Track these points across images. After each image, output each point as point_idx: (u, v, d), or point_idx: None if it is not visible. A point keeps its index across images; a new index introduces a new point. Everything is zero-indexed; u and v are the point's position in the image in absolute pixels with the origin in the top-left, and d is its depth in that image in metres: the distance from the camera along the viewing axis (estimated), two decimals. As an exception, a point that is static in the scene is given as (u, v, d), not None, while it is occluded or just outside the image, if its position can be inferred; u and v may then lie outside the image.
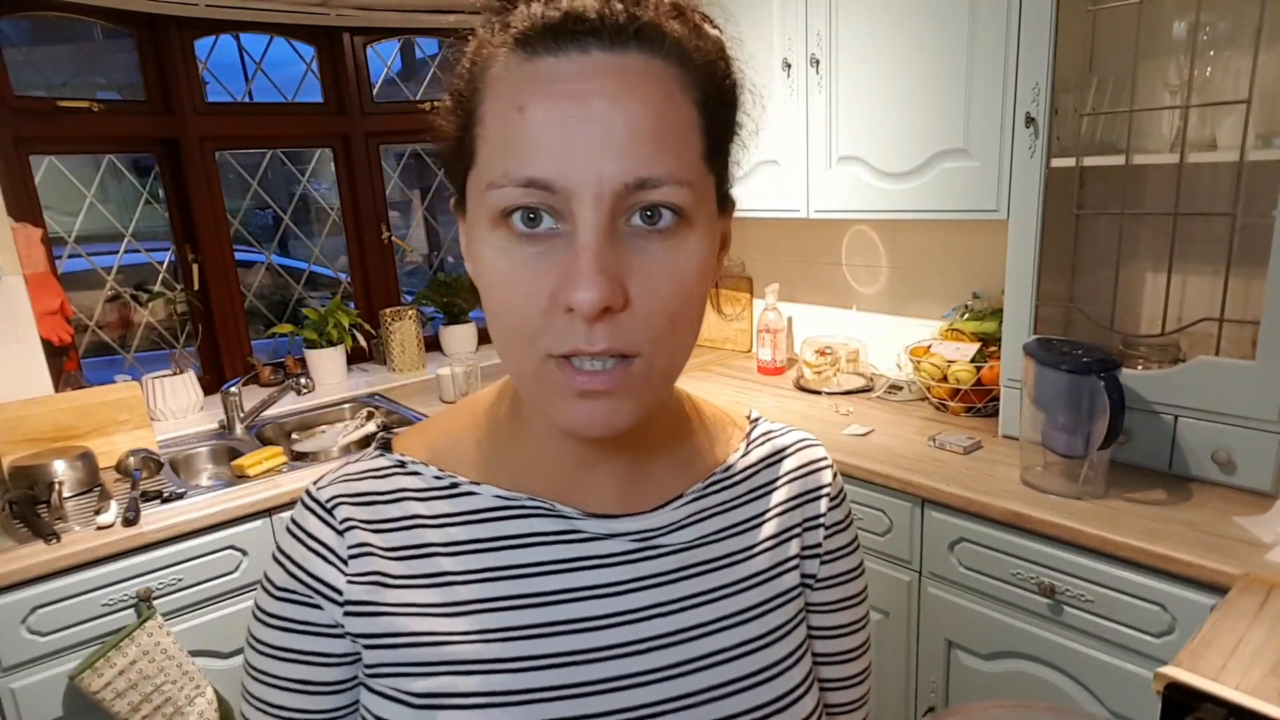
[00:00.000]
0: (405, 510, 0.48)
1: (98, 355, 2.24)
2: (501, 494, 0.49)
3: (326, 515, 0.48)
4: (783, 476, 0.56)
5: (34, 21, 2.05)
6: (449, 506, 0.49)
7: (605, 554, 0.49)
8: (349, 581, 0.46)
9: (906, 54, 1.67)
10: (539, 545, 0.48)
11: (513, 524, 0.48)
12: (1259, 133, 1.36)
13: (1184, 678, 0.93)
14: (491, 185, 0.39)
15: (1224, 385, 1.35)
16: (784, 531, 0.54)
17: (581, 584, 0.48)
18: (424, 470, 0.50)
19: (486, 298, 0.41)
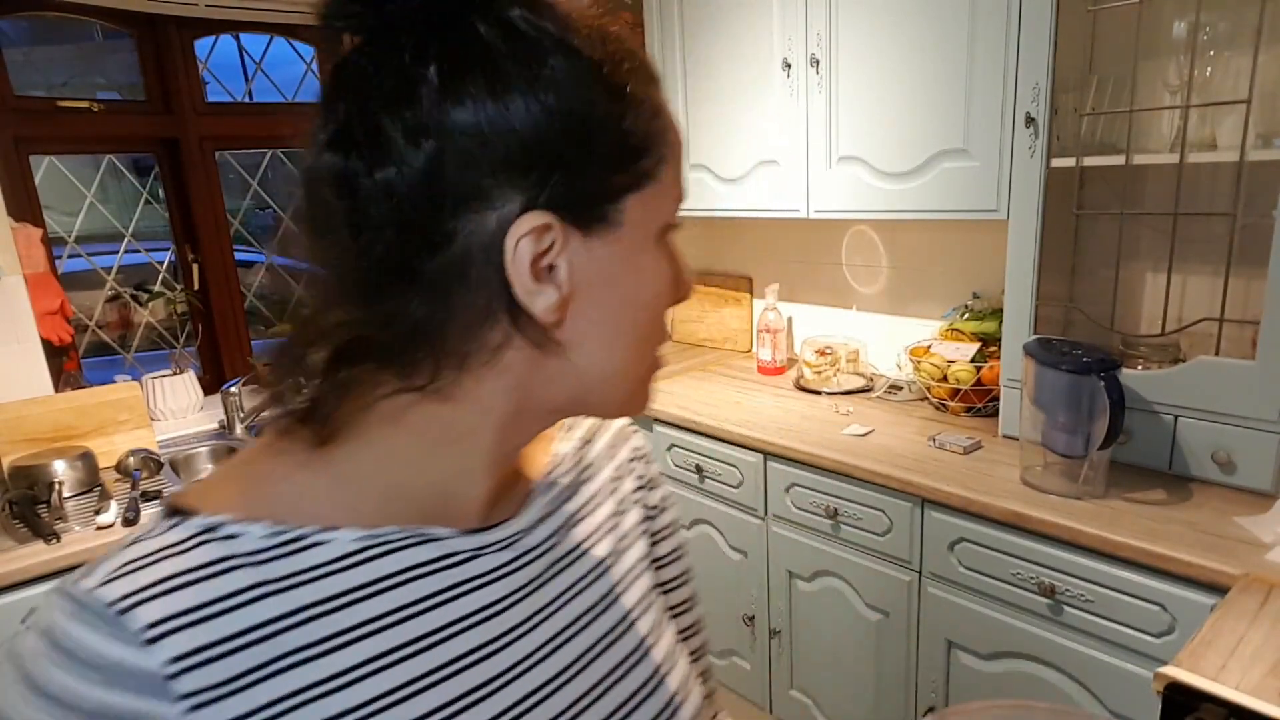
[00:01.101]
0: (235, 583, 0.38)
1: (98, 355, 2.24)
2: (362, 534, 0.42)
3: (113, 627, 0.35)
4: (601, 454, 0.57)
5: (34, 21, 2.05)
6: (296, 564, 0.40)
7: (484, 572, 0.45)
8: (187, 709, 0.35)
9: (906, 54, 1.67)
10: (415, 580, 0.42)
11: (381, 564, 0.42)
12: (1259, 133, 1.36)
13: (1184, 678, 0.93)
14: (678, 200, 0.43)
15: (1224, 385, 1.35)
16: (620, 505, 0.56)
17: (468, 610, 0.44)
18: (248, 530, 0.39)
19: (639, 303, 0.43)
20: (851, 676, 1.78)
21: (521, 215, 0.37)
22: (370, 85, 0.37)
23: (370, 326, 0.39)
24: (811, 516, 1.77)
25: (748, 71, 1.99)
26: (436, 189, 0.36)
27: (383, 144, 0.36)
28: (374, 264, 0.37)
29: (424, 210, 0.37)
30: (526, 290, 0.38)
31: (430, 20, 0.36)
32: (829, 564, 1.76)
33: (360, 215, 0.37)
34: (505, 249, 0.37)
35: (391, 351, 0.40)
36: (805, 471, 1.75)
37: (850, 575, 1.72)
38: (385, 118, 0.36)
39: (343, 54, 0.38)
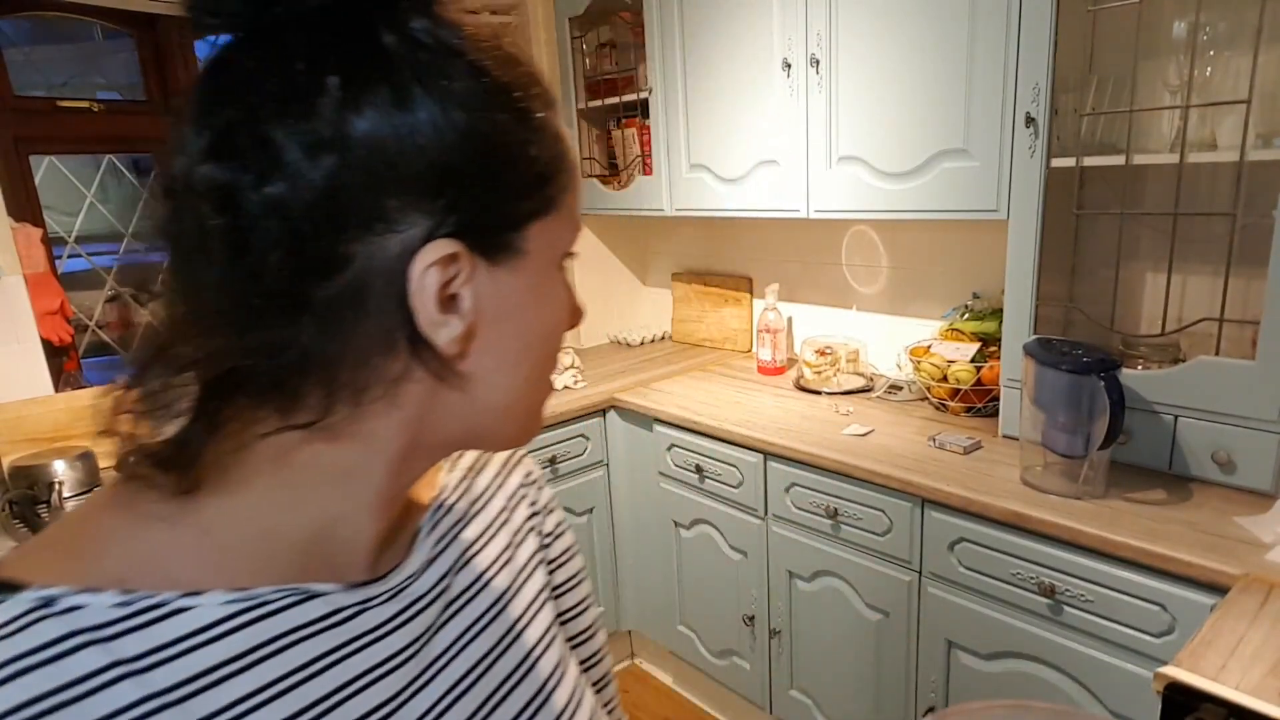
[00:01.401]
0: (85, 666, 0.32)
1: (98, 355, 2.24)
2: (232, 596, 0.36)
3: None
4: (493, 482, 0.55)
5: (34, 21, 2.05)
6: (153, 638, 0.34)
7: (373, 627, 0.41)
8: None
9: (906, 54, 1.67)
10: (298, 644, 0.38)
11: (256, 630, 0.37)
12: (1259, 133, 1.36)
13: (1184, 678, 0.93)
14: (577, 228, 0.42)
15: (1224, 385, 1.35)
16: (515, 533, 0.54)
17: (358, 671, 0.40)
18: (92, 600, 0.34)
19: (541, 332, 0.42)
20: (851, 676, 1.78)
21: (429, 242, 0.35)
22: (259, 91, 0.33)
23: (250, 357, 0.35)
24: (811, 516, 1.77)
25: (748, 71, 1.99)
26: (335, 208, 0.33)
27: (273, 156, 0.33)
28: (258, 288, 0.34)
29: (320, 231, 0.33)
30: (431, 321, 0.36)
31: (327, 26, 0.33)
32: (829, 564, 1.76)
33: (243, 234, 0.33)
34: (410, 277, 0.35)
35: (273, 385, 0.36)
36: (805, 471, 1.75)
37: (850, 575, 1.72)
38: (277, 128, 0.32)
39: (219, 56, 0.35)
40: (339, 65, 0.33)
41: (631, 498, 2.30)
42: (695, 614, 2.18)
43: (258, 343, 0.35)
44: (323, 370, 0.35)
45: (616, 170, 2.59)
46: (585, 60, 2.55)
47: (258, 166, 0.33)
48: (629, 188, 2.45)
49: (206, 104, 0.34)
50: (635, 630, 2.46)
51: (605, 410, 2.25)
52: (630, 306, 2.96)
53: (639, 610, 2.40)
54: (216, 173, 0.33)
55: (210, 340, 0.35)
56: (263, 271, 0.33)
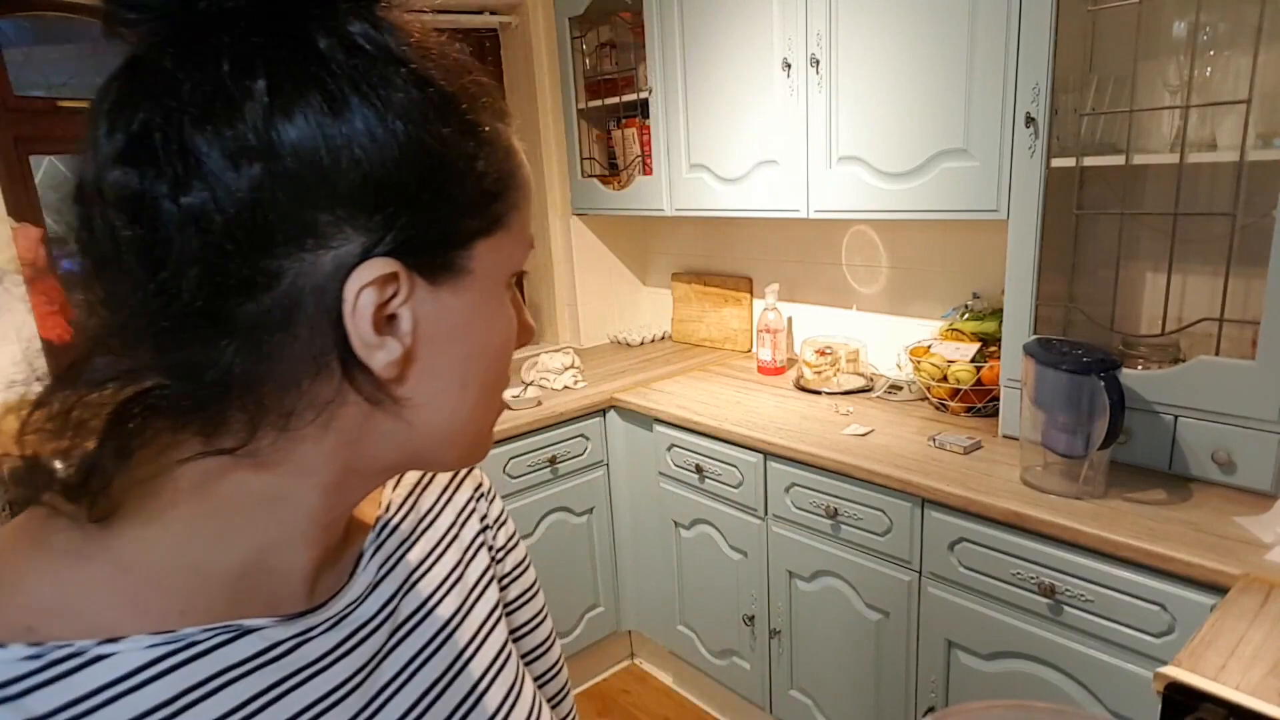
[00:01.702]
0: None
1: (98, 355, 2.24)
2: (157, 639, 0.34)
3: None
4: (442, 496, 0.53)
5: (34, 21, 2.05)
6: (66, 693, 0.31)
7: (314, 659, 0.39)
8: None
9: (906, 54, 1.67)
10: (231, 685, 0.35)
11: (184, 674, 0.34)
12: (1259, 133, 1.36)
13: (1184, 678, 0.93)
14: (528, 246, 0.41)
15: (1224, 385, 1.35)
16: (466, 549, 0.52)
17: (300, 707, 0.38)
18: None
19: (488, 354, 0.39)
20: (851, 676, 1.78)
21: (365, 260, 0.33)
22: (178, 94, 0.30)
23: (169, 376, 0.32)
24: (811, 516, 1.77)
25: (748, 71, 1.99)
26: (261, 221, 0.31)
27: (193, 164, 0.30)
28: (175, 305, 0.31)
29: (244, 245, 0.31)
30: (366, 344, 0.34)
31: (255, 27, 0.31)
32: (829, 564, 1.76)
33: (160, 247, 0.30)
34: (344, 297, 0.33)
35: (195, 408, 0.33)
36: (805, 471, 1.75)
37: (850, 575, 1.72)
38: (198, 133, 0.30)
39: (136, 51, 0.32)
40: (268, 68, 0.31)
41: (631, 498, 2.30)
42: (695, 614, 2.18)
43: (176, 362, 0.32)
44: (247, 393, 0.33)
45: (616, 170, 2.59)
46: (585, 60, 2.55)
47: (175, 174, 0.30)
48: (629, 188, 2.45)
49: (121, 103, 0.32)
50: (635, 630, 2.46)
51: (605, 410, 2.25)
52: (630, 306, 2.96)
53: (639, 610, 2.40)
54: (129, 179, 0.30)
55: (127, 356, 0.33)
56: (180, 288, 0.31)
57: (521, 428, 2.06)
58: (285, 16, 0.31)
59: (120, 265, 0.31)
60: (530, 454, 2.10)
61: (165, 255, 0.31)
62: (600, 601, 2.35)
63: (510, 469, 2.07)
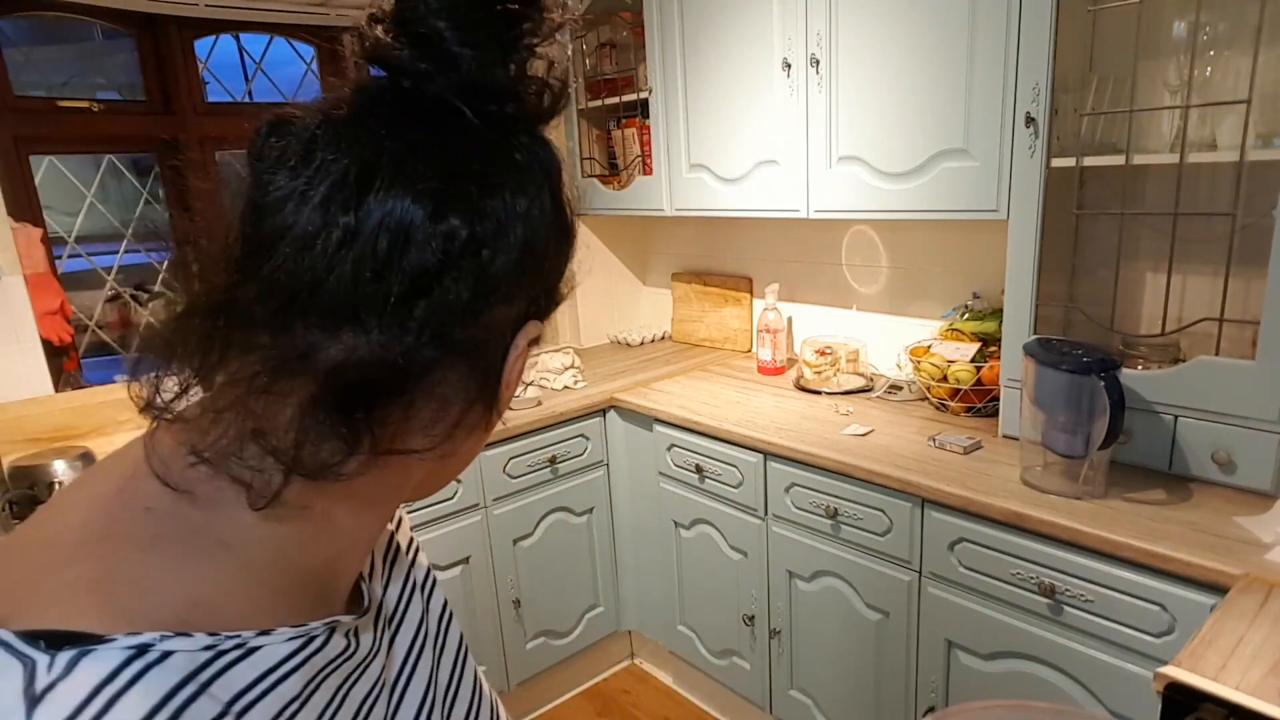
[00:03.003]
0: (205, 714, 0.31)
1: (98, 355, 2.23)
2: (295, 633, 0.36)
3: None
4: None
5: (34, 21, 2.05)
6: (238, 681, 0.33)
7: (366, 653, 0.42)
8: None
9: (906, 54, 1.67)
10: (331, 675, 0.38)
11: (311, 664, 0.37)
12: (1259, 133, 1.36)
13: (1184, 678, 0.93)
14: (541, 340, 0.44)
15: (1224, 385, 1.35)
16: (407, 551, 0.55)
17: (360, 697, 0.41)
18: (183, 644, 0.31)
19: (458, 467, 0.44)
20: (851, 676, 1.78)
21: (529, 320, 0.41)
22: (477, 157, 0.37)
23: (376, 364, 0.35)
24: (811, 516, 1.77)
25: (748, 71, 1.99)
26: (511, 269, 0.38)
27: (489, 216, 0.37)
28: (425, 316, 0.36)
29: (490, 284, 0.37)
30: (509, 386, 0.41)
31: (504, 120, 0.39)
32: (829, 564, 1.76)
33: (437, 271, 0.36)
34: (516, 344, 0.40)
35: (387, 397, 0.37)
36: (805, 471, 1.75)
37: (850, 575, 1.72)
38: (493, 195, 0.37)
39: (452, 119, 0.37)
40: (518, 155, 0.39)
41: (631, 498, 2.30)
42: (695, 614, 2.18)
43: (395, 350, 0.35)
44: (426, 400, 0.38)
45: (616, 170, 2.59)
46: (585, 60, 2.55)
47: (477, 221, 0.36)
48: (629, 188, 2.45)
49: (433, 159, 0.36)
50: (635, 630, 2.46)
51: (605, 410, 2.25)
52: (630, 306, 2.96)
53: (639, 610, 2.40)
54: (449, 226, 0.36)
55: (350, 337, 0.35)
56: (446, 303, 0.36)
57: (521, 428, 2.06)
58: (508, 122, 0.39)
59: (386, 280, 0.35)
60: (530, 454, 2.10)
61: (434, 278, 0.36)
62: (600, 601, 2.35)
63: (510, 469, 2.07)
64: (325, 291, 0.34)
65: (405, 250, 0.35)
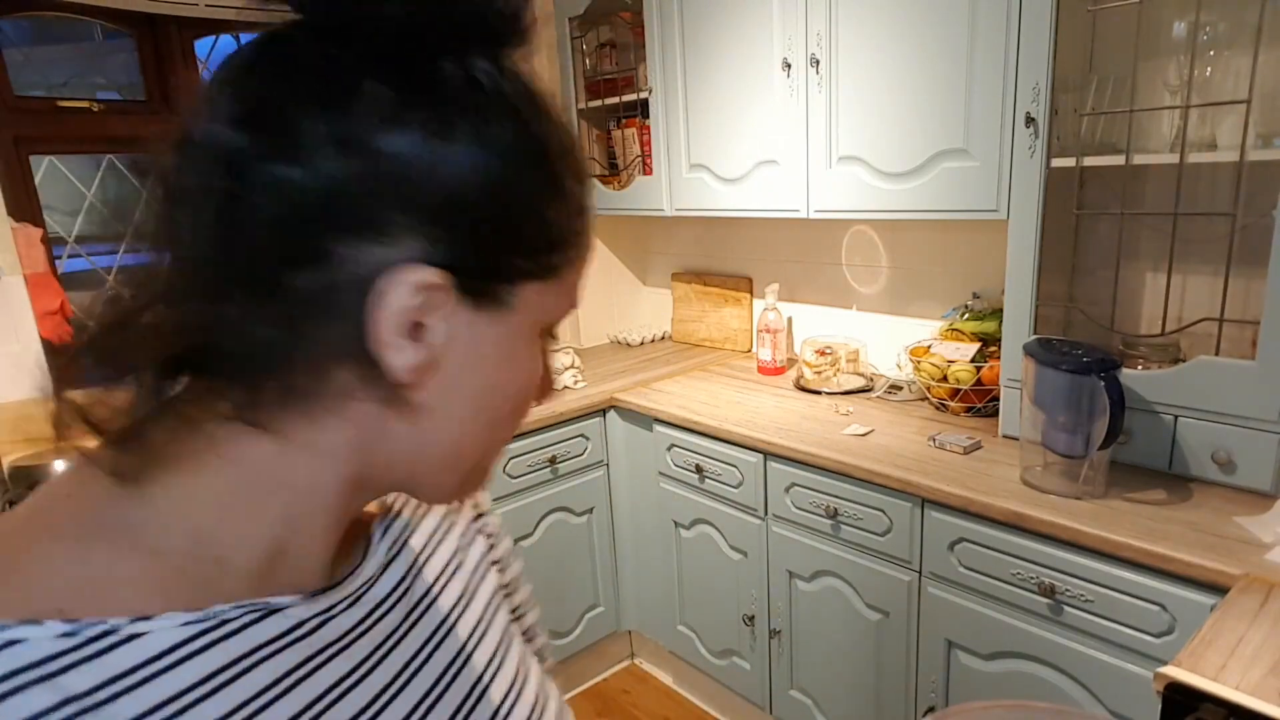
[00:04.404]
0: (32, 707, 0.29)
1: (98, 355, 2.24)
2: (190, 618, 0.34)
3: None
4: None
5: (34, 21, 2.05)
6: (102, 672, 0.31)
7: (338, 636, 0.40)
8: None
9: (906, 54, 1.67)
10: (262, 663, 0.36)
11: (218, 651, 0.35)
12: (1259, 133, 1.36)
13: (1184, 678, 0.93)
14: (570, 306, 0.42)
15: (1224, 385, 1.35)
16: (463, 537, 0.54)
17: (328, 684, 0.39)
18: (33, 632, 0.30)
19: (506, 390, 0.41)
20: (851, 676, 1.78)
21: (412, 264, 0.34)
22: (303, 77, 0.34)
23: (217, 330, 0.34)
24: (811, 516, 1.77)
25: (748, 71, 1.99)
26: (339, 207, 0.33)
27: (297, 141, 0.33)
28: (239, 260, 0.33)
29: (315, 223, 0.33)
30: (381, 340, 0.35)
31: (394, 39, 0.34)
32: (829, 564, 1.76)
33: (242, 203, 0.33)
34: (376, 289, 0.34)
35: (231, 370, 0.35)
36: (805, 471, 1.75)
37: (850, 575, 1.72)
38: (309, 116, 0.33)
39: (275, 30, 0.35)
40: (392, 78, 0.34)
41: (631, 498, 2.30)
42: (695, 614, 2.18)
43: (227, 316, 0.34)
44: (282, 362, 0.35)
45: (616, 170, 2.59)
46: (585, 60, 2.55)
47: (279, 145, 0.33)
48: (629, 188, 2.45)
49: (248, 71, 0.35)
50: (635, 630, 2.46)
51: (605, 410, 2.25)
52: (630, 306, 2.96)
53: (639, 610, 2.40)
54: (237, 139, 0.33)
55: (181, 305, 0.35)
56: (249, 245, 0.33)
57: (521, 427, 2.04)
58: (422, 40, 0.34)
59: (200, 212, 0.34)
60: (530, 454, 2.10)
61: (244, 212, 0.33)
62: (600, 601, 2.35)
63: (510, 469, 2.07)
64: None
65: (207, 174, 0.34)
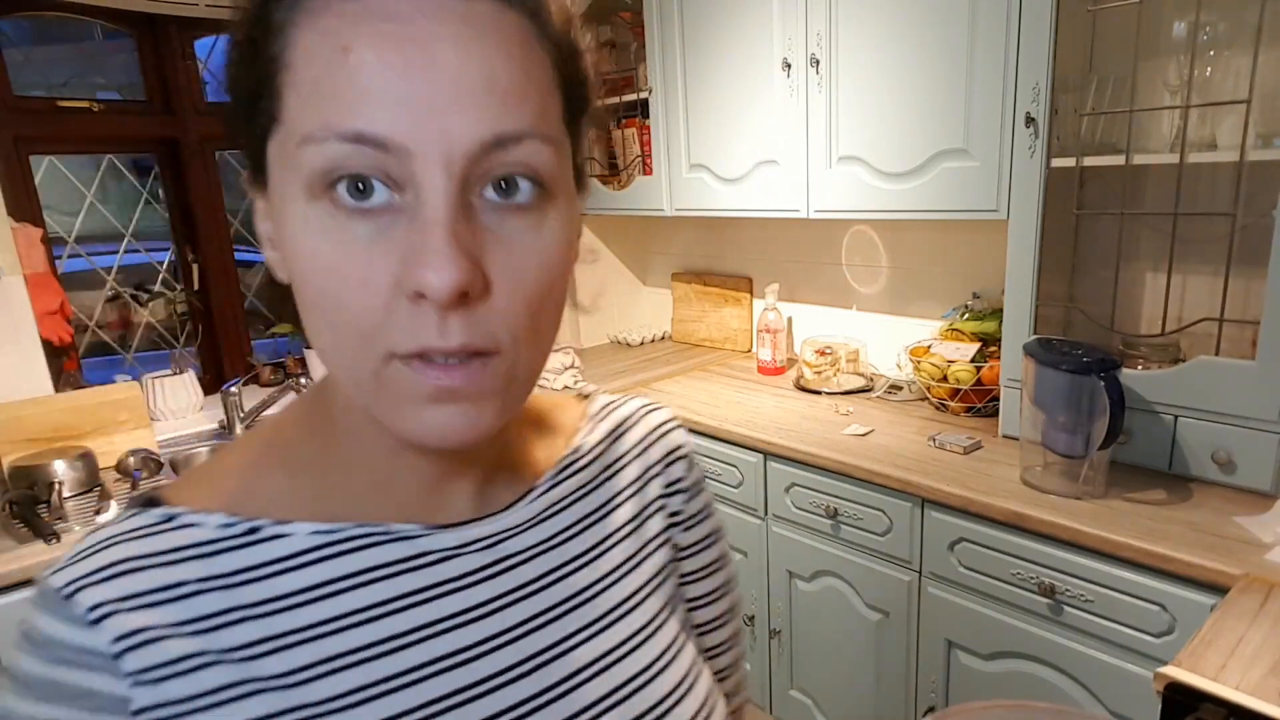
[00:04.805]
0: (187, 574, 0.37)
1: (98, 355, 2.24)
2: (321, 529, 0.40)
3: (66, 608, 0.36)
4: (631, 449, 0.52)
5: (34, 21, 2.05)
6: (247, 558, 0.38)
7: (461, 574, 0.42)
8: (134, 684, 0.35)
9: (906, 54, 1.67)
10: (379, 581, 0.40)
11: (340, 562, 0.40)
12: (1259, 133, 1.36)
13: (1184, 678, 0.93)
14: (307, 139, 0.32)
15: (1224, 385, 1.35)
16: (643, 509, 0.51)
17: (440, 615, 0.41)
18: (204, 520, 0.39)
19: (304, 289, 0.34)
20: (851, 676, 1.78)
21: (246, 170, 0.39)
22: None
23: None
24: (811, 516, 1.77)
25: (748, 71, 1.99)
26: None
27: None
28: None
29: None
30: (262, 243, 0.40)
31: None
32: (829, 564, 1.76)
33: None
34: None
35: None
36: (805, 471, 1.75)
37: (850, 575, 1.72)
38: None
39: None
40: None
41: (631, 498, 2.30)
42: (695, 614, 2.18)
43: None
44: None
45: (616, 170, 2.59)
46: (585, 60, 2.54)
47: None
48: (629, 188, 2.45)
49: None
50: (635, 630, 2.46)
51: (605, 410, 2.24)
52: (630, 306, 2.96)
53: (639, 610, 2.39)
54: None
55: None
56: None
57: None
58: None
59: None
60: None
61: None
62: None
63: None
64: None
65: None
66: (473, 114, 0.31)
